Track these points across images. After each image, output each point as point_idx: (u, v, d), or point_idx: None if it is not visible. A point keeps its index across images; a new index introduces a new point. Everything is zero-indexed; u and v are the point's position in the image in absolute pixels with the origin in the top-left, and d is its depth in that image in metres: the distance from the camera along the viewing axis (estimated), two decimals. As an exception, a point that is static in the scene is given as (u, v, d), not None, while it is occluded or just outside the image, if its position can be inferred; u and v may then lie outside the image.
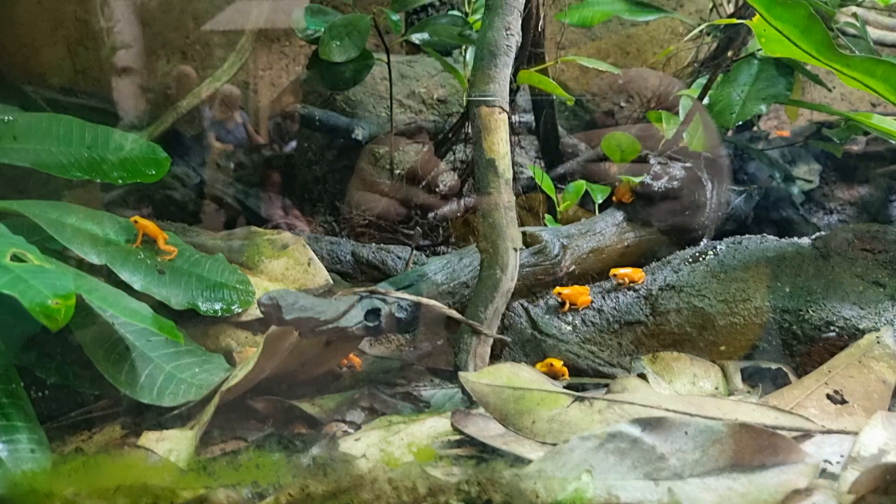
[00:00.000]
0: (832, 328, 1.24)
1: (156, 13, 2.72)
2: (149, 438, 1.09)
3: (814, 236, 1.47)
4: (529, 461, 0.98)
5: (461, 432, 1.04)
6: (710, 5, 2.23)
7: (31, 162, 1.40)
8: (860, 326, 1.23)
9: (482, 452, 1.02)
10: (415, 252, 1.49)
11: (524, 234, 1.48)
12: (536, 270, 1.42)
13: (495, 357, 1.37)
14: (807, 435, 1.04)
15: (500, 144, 1.17)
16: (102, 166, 1.48)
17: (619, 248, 1.66)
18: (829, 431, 1.05)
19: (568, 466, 0.96)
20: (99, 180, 1.46)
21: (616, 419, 1.04)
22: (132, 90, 2.54)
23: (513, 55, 1.20)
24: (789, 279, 1.34)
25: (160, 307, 1.26)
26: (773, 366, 1.26)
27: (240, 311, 1.30)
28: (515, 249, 1.17)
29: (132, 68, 2.57)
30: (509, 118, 1.20)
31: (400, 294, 1.13)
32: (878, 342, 1.19)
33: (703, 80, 2.02)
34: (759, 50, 1.88)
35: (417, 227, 1.57)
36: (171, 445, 1.07)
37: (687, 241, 1.67)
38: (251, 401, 1.14)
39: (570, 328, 1.37)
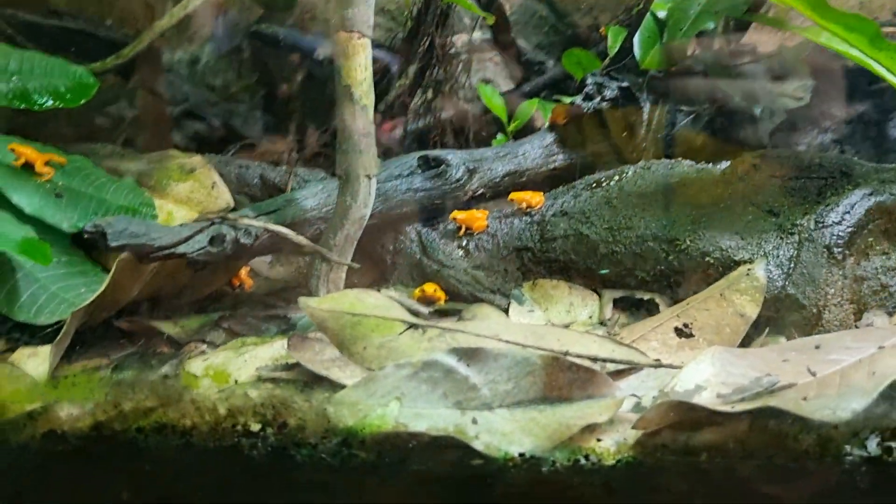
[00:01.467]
0: (707, 259, 1.20)
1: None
2: (21, 354, 1.16)
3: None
4: (343, 386, 1.01)
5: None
6: None
7: None
8: (736, 258, 1.19)
9: (308, 377, 1.05)
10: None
11: (427, 157, 1.47)
12: (433, 194, 1.42)
13: (380, 281, 1.40)
14: (634, 369, 1.03)
15: (357, 70, 1.15)
16: (27, 94, 1.53)
17: (545, 172, 1.62)
18: (658, 365, 1.03)
19: (379, 393, 0.98)
20: (23, 107, 1.52)
21: (444, 347, 1.05)
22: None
23: None
24: (679, 207, 1.29)
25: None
26: (647, 296, 1.23)
27: None
28: (369, 177, 1.17)
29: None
30: (372, 42, 1.17)
31: (249, 221, 1.15)
32: (748, 274, 1.15)
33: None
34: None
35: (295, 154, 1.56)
36: (38, 361, 1.14)
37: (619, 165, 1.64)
38: (118, 321, 1.20)
39: (461, 253, 1.37)
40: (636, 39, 1.81)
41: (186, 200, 1.44)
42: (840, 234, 1.15)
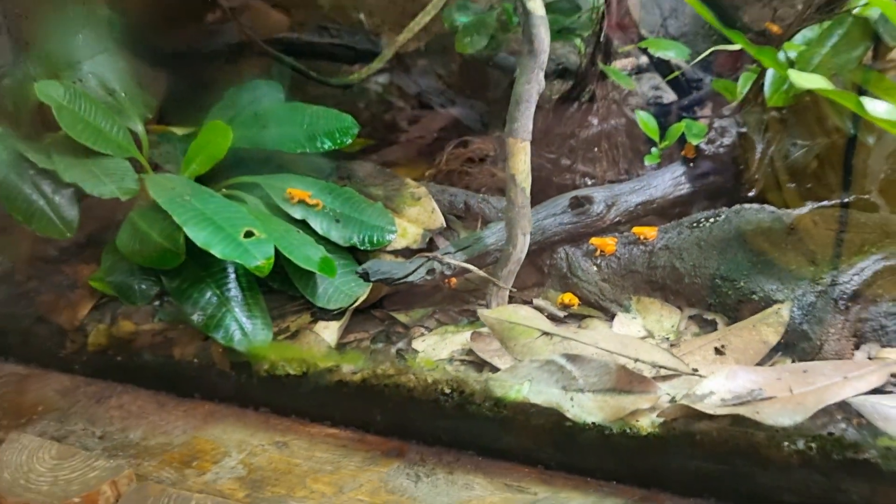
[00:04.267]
0: (754, 296, 1.73)
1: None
2: (320, 326, 1.98)
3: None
4: (498, 369, 1.71)
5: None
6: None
7: (274, 144, 2.28)
8: (774, 298, 1.71)
9: (480, 360, 1.76)
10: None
11: (576, 197, 2.08)
12: (578, 226, 2.03)
13: (539, 286, 2.06)
14: (678, 374, 1.63)
15: (519, 164, 1.79)
16: (314, 140, 2.31)
17: (671, 199, 2.16)
18: (693, 374, 1.62)
19: (518, 376, 1.66)
20: (311, 150, 2.31)
21: (562, 350, 1.71)
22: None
23: (534, 98, 1.77)
24: (745, 253, 1.81)
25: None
26: (711, 317, 1.79)
27: (378, 246, 2.09)
28: (524, 234, 1.82)
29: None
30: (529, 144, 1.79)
31: (449, 259, 1.85)
32: (777, 312, 1.68)
33: (809, 34, 2.28)
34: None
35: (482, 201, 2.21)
36: (329, 332, 1.96)
37: (732, 196, 2.13)
38: (373, 310, 1.98)
39: (595, 269, 1.99)
40: (767, 77, 2.23)
41: (415, 220, 2.18)
42: (846, 290, 1.63)
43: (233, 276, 1.99)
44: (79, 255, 2.47)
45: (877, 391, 1.46)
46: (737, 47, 1.86)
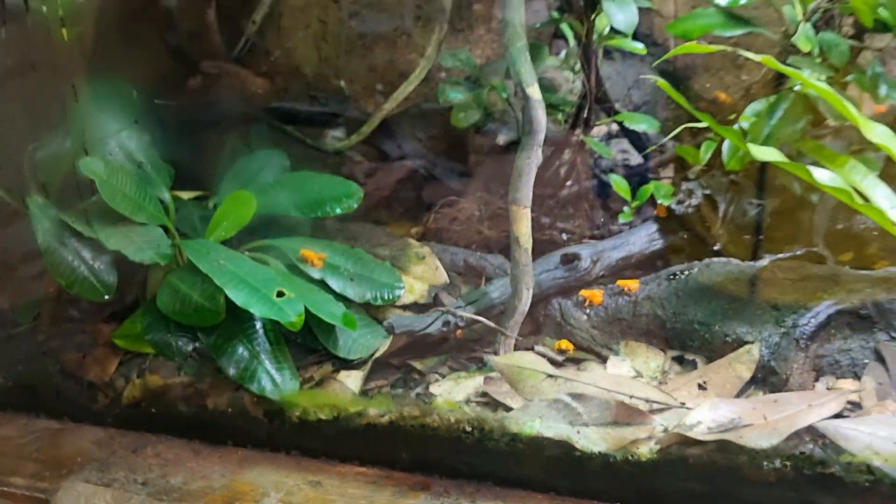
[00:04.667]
0: (727, 338, 2.01)
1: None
2: (343, 375, 2.19)
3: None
4: (511, 409, 1.94)
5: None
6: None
7: (286, 210, 2.50)
8: (745, 339, 1.99)
9: (493, 401, 1.99)
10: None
11: (566, 254, 2.35)
12: (569, 280, 2.29)
13: (537, 333, 2.31)
14: (668, 408, 1.89)
15: (522, 228, 2.05)
16: (323, 205, 2.54)
17: (647, 253, 2.45)
18: (681, 407, 1.88)
19: (530, 414, 1.90)
20: (321, 215, 2.54)
21: (566, 390, 1.95)
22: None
23: (534, 170, 2.04)
24: (718, 300, 2.09)
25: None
26: (692, 357, 2.06)
27: (389, 302, 2.32)
28: (528, 289, 2.07)
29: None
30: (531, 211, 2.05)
31: (461, 312, 2.09)
32: (748, 352, 1.95)
33: (757, 106, 2.62)
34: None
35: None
36: (352, 380, 2.17)
37: (701, 250, 2.42)
38: (390, 359, 2.20)
39: (585, 318, 2.25)
40: (725, 145, 2.55)
41: (420, 277, 2.42)
42: (804, 332, 1.92)
43: (261, 331, 2.19)
44: (98, 314, 2.64)
45: (837, 416, 1.74)
46: (703, 124, 2.17)
